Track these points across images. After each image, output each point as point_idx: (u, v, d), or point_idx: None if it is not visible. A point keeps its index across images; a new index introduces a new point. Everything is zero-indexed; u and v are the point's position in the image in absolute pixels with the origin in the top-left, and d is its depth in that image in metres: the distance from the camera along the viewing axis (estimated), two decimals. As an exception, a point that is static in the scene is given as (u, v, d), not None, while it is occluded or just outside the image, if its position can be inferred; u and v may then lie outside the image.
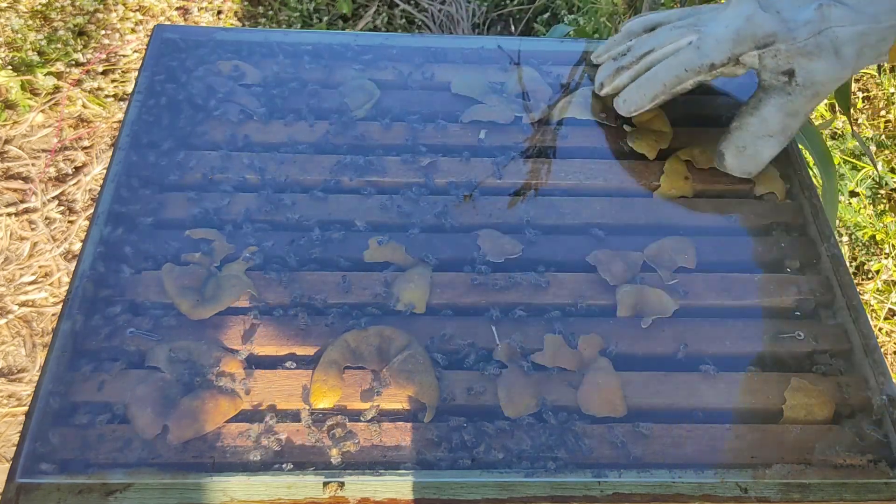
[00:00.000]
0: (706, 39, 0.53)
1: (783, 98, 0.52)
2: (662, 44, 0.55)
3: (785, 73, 0.51)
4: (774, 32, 0.50)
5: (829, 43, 0.50)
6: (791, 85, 0.51)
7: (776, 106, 0.52)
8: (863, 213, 1.17)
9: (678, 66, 0.54)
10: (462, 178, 0.56)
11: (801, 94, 0.51)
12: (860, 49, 0.50)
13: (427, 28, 1.43)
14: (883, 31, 0.49)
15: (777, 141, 0.54)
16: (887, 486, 0.43)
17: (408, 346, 0.47)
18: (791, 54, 0.50)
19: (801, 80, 0.51)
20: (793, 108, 0.52)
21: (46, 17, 1.33)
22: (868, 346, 0.48)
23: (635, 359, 0.48)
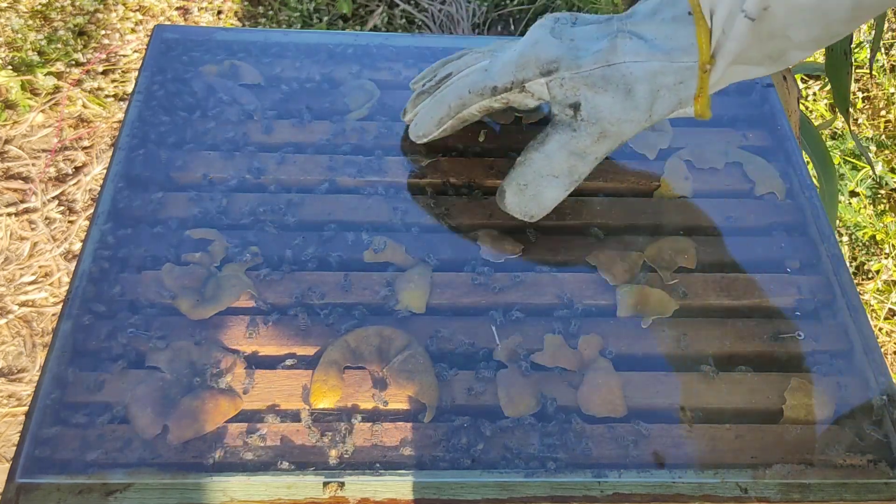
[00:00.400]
0: (495, 63, 0.49)
1: (568, 134, 0.47)
2: (460, 68, 0.52)
3: (571, 107, 0.46)
4: (558, 58, 0.46)
5: (620, 78, 0.45)
6: (577, 120, 0.47)
7: (560, 142, 0.48)
8: (863, 213, 1.17)
9: (463, 87, 0.50)
10: (462, 179, 0.56)
11: (587, 132, 0.47)
12: (655, 90, 0.45)
13: (427, 28, 1.43)
14: (680, 72, 0.45)
15: (562, 183, 0.49)
16: (887, 486, 0.43)
17: (408, 346, 0.47)
18: (576, 84, 0.46)
19: (586, 114, 0.46)
20: (578, 146, 0.47)
21: (46, 17, 1.34)
22: (868, 346, 0.48)
23: (635, 359, 0.48)
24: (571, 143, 0.47)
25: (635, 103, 0.45)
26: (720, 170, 0.58)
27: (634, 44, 0.45)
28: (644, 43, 0.45)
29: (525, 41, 0.48)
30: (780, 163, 0.59)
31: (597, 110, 0.46)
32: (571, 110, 0.46)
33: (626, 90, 0.45)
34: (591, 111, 0.46)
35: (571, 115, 0.47)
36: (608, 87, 0.45)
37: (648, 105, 0.46)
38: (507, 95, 0.49)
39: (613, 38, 0.45)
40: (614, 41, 0.45)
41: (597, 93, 0.45)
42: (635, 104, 0.45)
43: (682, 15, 0.45)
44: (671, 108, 0.46)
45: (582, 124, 0.46)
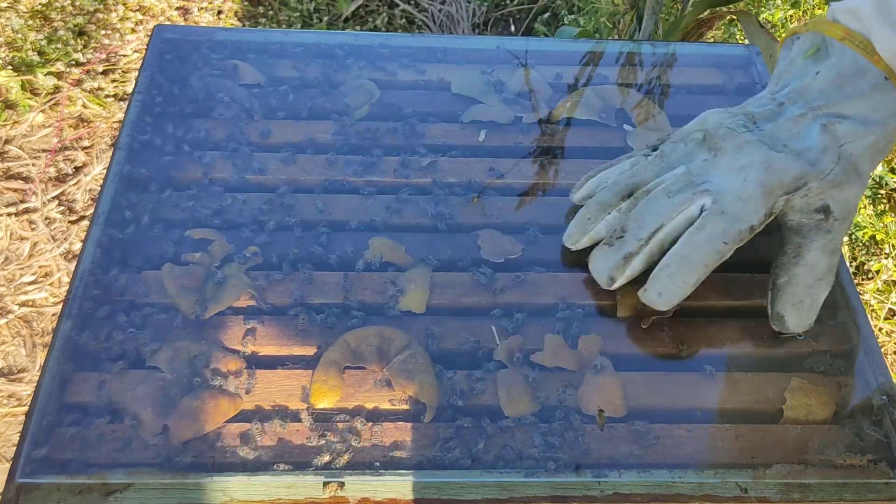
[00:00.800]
0: (727, 201, 0.45)
1: (824, 238, 0.46)
2: (668, 216, 0.46)
3: (819, 211, 0.46)
4: (803, 173, 0.45)
5: (850, 165, 0.45)
6: (829, 221, 0.46)
7: (819, 248, 0.46)
8: (863, 213, 1.17)
9: (713, 240, 0.45)
10: (462, 179, 0.56)
11: (840, 228, 0.46)
12: (872, 158, 0.46)
13: (427, 28, 1.43)
14: (890, 135, 0.46)
15: (827, 282, 0.47)
16: (887, 486, 0.43)
17: (408, 346, 0.47)
18: (823, 189, 0.45)
19: (838, 213, 0.46)
20: (835, 244, 0.47)
21: (46, 17, 1.34)
22: (868, 346, 0.48)
23: (635, 359, 0.48)
24: (830, 244, 0.46)
25: (863, 179, 0.46)
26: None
27: (847, 126, 0.45)
28: (852, 122, 0.45)
29: (748, 166, 0.45)
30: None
31: (846, 205, 0.46)
32: (821, 214, 0.46)
33: (855, 173, 0.45)
34: (842, 208, 0.46)
35: (821, 218, 0.46)
36: (850, 179, 0.45)
37: (867, 174, 0.46)
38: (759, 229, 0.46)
39: (824, 130, 0.45)
40: (827, 131, 0.45)
41: (843, 189, 0.45)
42: (863, 180, 0.46)
43: (880, 82, 0.45)
44: (878, 165, 0.47)
45: (836, 224, 0.46)
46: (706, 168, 0.47)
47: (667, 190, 0.47)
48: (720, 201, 0.45)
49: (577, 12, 1.44)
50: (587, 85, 0.63)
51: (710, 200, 0.45)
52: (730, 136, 0.47)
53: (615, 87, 0.63)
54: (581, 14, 1.42)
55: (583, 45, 0.66)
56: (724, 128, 0.47)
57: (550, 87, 0.63)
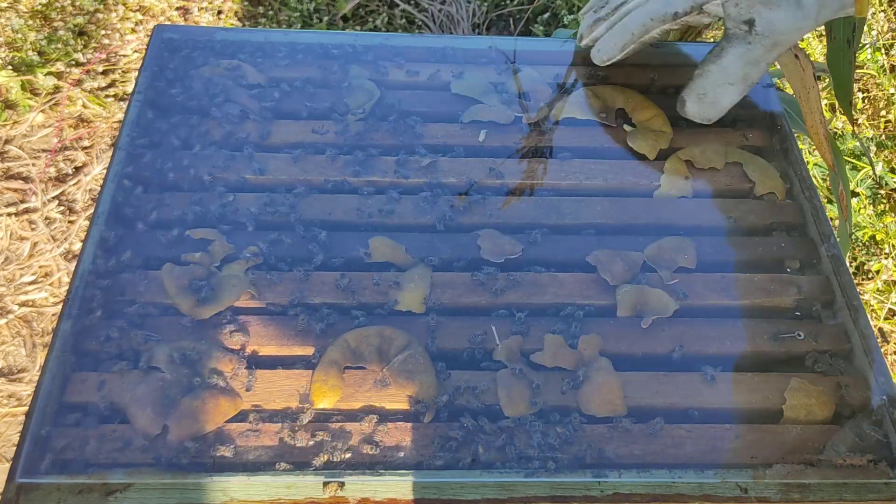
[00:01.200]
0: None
1: (744, 47, 0.53)
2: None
3: (746, 23, 0.52)
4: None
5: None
6: (751, 34, 0.52)
7: (737, 55, 0.54)
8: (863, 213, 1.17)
9: (645, 14, 0.55)
10: (462, 179, 0.56)
11: (761, 44, 0.52)
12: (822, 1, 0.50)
13: (427, 28, 1.43)
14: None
15: (737, 89, 0.55)
16: (887, 486, 0.43)
17: (408, 346, 0.47)
18: (752, 2, 0.51)
19: (761, 28, 0.52)
20: (753, 56, 0.53)
21: (46, 17, 1.34)
22: (868, 346, 0.48)
23: (635, 359, 0.48)
24: (747, 54, 0.53)
25: (805, 13, 0.50)
26: (720, 170, 0.58)
27: None
28: None
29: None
30: (780, 163, 0.59)
31: (771, 24, 0.51)
32: (746, 25, 0.52)
33: (796, 3, 0.50)
34: (766, 25, 0.51)
35: (746, 29, 0.52)
36: (781, 2, 0.50)
37: (816, 12, 0.50)
38: (686, 18, 0.54)
39: None
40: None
41: (771, 9, 0.51)
42: (805, 13, 0.50)
43: None
44: (835, 11, 0.51)
45: (756, 38, 0.52)
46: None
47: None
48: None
49: (576, 12, 1.44)
50: (587, 85, 0.63)
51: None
52: None
53: (615, 88, 0.63)
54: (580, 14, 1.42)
55: (583, 45, 0.66)
56: None
57: (550, 88, 0.63)
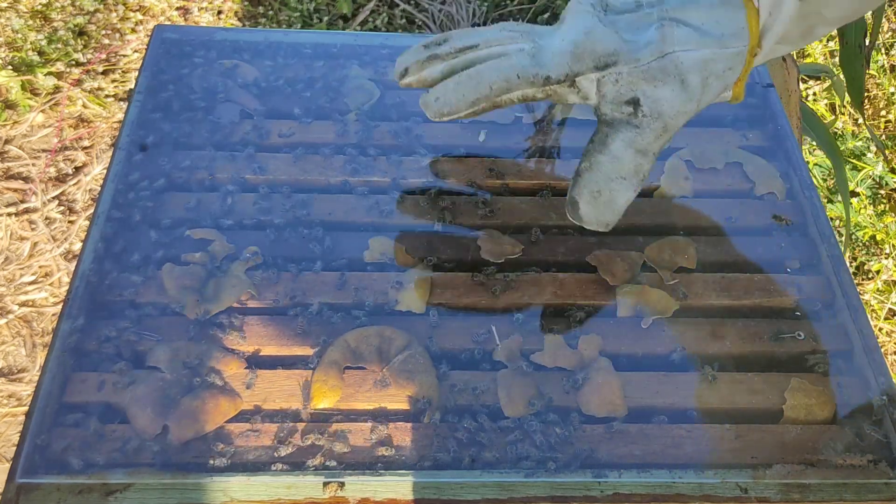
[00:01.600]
0: (543, 50, 0.46)
1: (631, 132, 0.45)
2: (489, 41, 0.47)
3: (629, 103, 0.44)
4: (616, 51, 0.44)
5: (674, 68, 0.43)
6: (637, 117, 0.45)
7: (625, 142, 0.45)
8: (863, 213, 1.17)
9: (510, 69, 0.45)
10: (462, 179, 0.56)
11: (650, 128, 0.45)
12: (705, 78, 0.44)
13: (427, 28, 1.43)
14: (729, 58, 0.44)
15: (630, 184, 0.46)
16: (887, 486, 0.43)
17: (408, 346, 0.47)
18: (634, 79, 0.44)
19: (648, 110, 0.44)
20: (642, 143, 0.45)
21: (47, 17, 1.34)
22: (868, 346, 0.48)
23: (635, 359, 0.48)
24: (637, 140, 0.45)
25: (689, 94, 0.44)
26: (720, 170, 0.58)
27: (683, 32, 0.43)
28: (693, 30, 0.43)
29: (574, 29, 0.45)
30: (780, 163, 0.59)
31: (658, 104, 0.44)
32: (630, 107, 0.45)
33: (680, 81, 0.44)
34: (653, 106, 0.44)
35: (630, 112, 0.45)
36: (666, 80, 0.44)
37: (699, 94, 0.45)
38: (555, 87, 0.46)
39: (661, 27, 0.44)
40: (663, 30, 0.43)
41: (656, 87, 0.44)
42: (689, 95, 0.44)
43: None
44: (716, 94, 0.46)
45: (644, 120, 0.45)
46: (546, 30, 0.48)
47: (503, 27, 0.48)
48: (536, 49, 0.46)
49: None
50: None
51: (531, 45, 0.46)
52: (574, 8, 0.47)
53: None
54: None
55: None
56: (576, 3, 0.47)
57: (550, 87, 0.63)
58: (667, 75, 0.44)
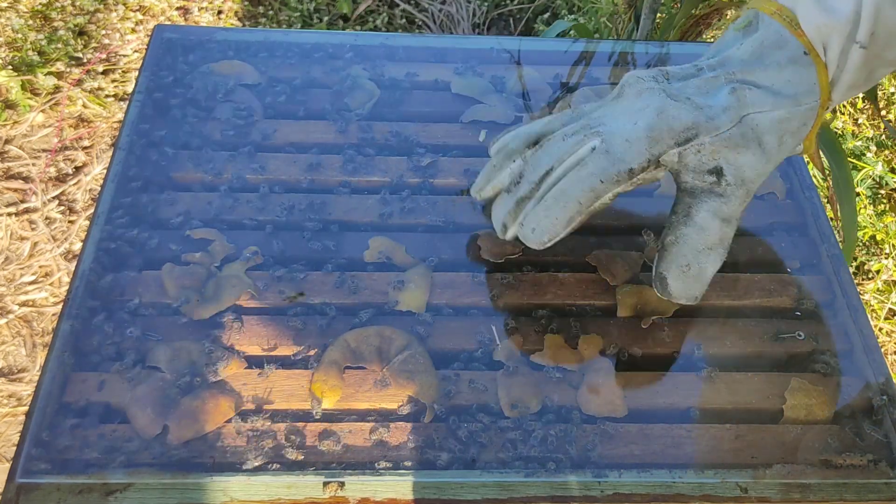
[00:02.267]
0: (613, 142, 0.44)
1: (716, 201, 0.44)
2: (560, 158, 0.45)
3: (711, 172, 0.43)
4: (695, 124, 0.42)
5: (751, 132, 0.43)
6: (721, 185, 0.43)
7: (710, 211, 0.44)
8: (863, 213, 1.17)
9: (590, 177, 0.43)
10: (462, 179, 0.56)
11: (735, 195, 0.44)
12: (781, 136, 0.43)
13: (427, 28, 1.43)
14: (803, 115, 0.43)
15: (718, 255, 0.45)
16: (887, 486, 0.43)
17: (408, 346, 0.47)
18: (716, 148, 0.43)
19: (731, 178, 0.43)
20: (728, 212, 0.44)
21: (47, 17, 1.34)
22: (868, 346, 0.48)
23: (635, 359, 0.48)
24: (722, 209, 0.44)
25: (767, 155, 0.43)
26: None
27: (757, 94, 0.43)
28: (765, 92, 0.43)
29: (642, 110, 0.44)
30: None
31: (741, 171, 0.43)
32: (713, 176, 0.43)
33: (757, 143, 0.43)
34: (736, 173, 0.43)
35: (714, 181, 0.43)
36: (748, 145, 0.43)
37: (776, 154, 0.44)
38: (643, 175, 0.44)
39: (734, 91, 0.43)
40: (735, 94, 0.43)
41: (738, 153, 0.43)
42: (767, 156, 0.43)
43: (798, 56, 0.43)
44: (790, 151, 0.45)
45: (729, 189, 0.43)
46: (604, 112, 0.46)
47: (564, 133, 0.46)
48: (608, 141, 0.44)
49: (576, 12, 1.44)
50: (587, 85, 0.63)
51: (600, 141, 0.44)
52: (636, 85, 0.45)
53: (613, 87, 0.63)
54: (580, 14, 1.42)
55: (583, 45, 0.66)
56: (634, 77, 0.45)
57: (550, 87, 0.63)
58: (747, 140, 0.43)
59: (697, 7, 0.96)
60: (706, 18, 0.97)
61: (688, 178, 0.44)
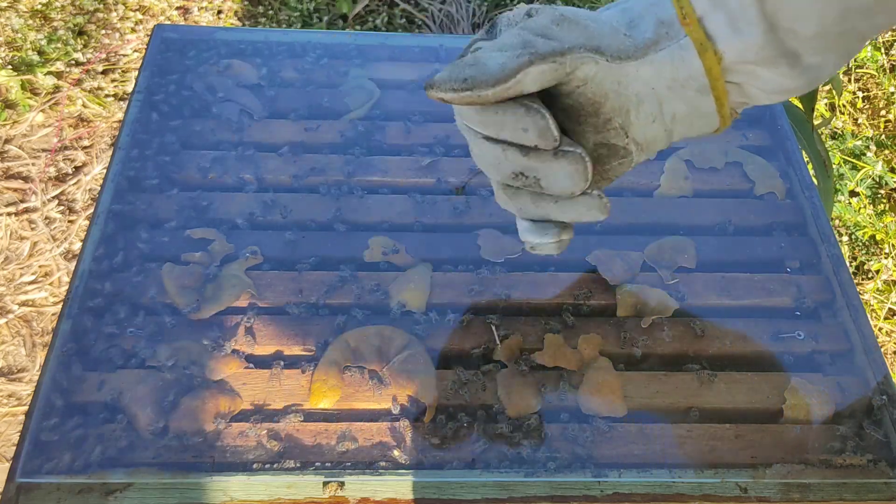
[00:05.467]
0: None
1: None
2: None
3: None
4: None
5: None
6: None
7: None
8: (863, 213, 1.17)
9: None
10: (462, 178, 0.56)
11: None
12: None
13: (427, 28, 1.43)
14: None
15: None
16: (887, 486, 0.43)
17: (408, 346, 0.47)
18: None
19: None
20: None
21: (46, 17, 1.34)
22: (868, 346, 0.48)
23: (635, 359, 0.48)
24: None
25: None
26: (720, 170, 0.58)
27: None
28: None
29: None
30: (780, 163, 0.59)
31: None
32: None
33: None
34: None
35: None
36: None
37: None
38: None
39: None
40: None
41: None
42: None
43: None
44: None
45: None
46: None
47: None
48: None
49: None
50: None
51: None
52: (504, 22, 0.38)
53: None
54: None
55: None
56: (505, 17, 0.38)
57: (550, 87, 0.63)
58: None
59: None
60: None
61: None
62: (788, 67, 0.35)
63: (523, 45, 0.34)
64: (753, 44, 0.34)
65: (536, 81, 0.34)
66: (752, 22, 0.34)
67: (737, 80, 0.36)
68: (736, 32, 0.34)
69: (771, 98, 0.37)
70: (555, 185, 0.36)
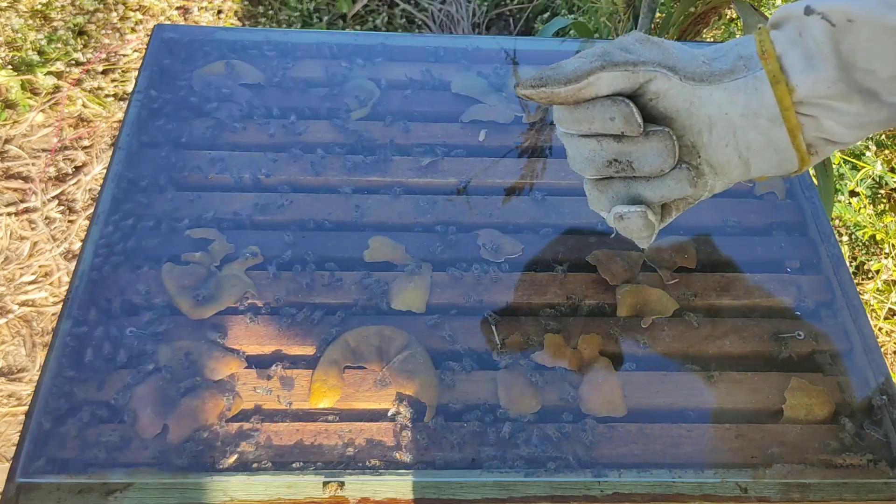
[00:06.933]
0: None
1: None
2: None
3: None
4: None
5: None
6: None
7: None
8: (863, 212, 1.17)
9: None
10: (462, 178, 0.56)
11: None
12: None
13: (427, 28, 1.43)
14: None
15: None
16: (887, 486, 0.43)
17: (408, 346, 0.47)
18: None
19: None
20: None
21: (46, 17, 1.34)
22: (868, 346, 0.48)
23: (635, 359, 0.48)
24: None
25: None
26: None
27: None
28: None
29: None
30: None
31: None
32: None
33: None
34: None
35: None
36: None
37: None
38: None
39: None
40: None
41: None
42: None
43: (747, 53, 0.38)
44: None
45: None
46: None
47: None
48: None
49: (576, 11, 1.44)
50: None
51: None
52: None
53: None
54: (580, 13, 1.42)
55: (581, 46, 0.66)
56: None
57: (550, 87, 0.63)
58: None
59: (696, 5, 0.95)
60: (704, 17, 0.97)
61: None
62: (863, 103, 0.37)
63: (601, 55, 0.37)
64: (825, 77, 0.36)
65: (610, 86, 0.37)
66: (826, 58, 0.36)
67: (811, 112, 0.38)
68: (809, 67, 0.37)
69: (853, 133, 0.38)
70: (646, 165, 0.38)
